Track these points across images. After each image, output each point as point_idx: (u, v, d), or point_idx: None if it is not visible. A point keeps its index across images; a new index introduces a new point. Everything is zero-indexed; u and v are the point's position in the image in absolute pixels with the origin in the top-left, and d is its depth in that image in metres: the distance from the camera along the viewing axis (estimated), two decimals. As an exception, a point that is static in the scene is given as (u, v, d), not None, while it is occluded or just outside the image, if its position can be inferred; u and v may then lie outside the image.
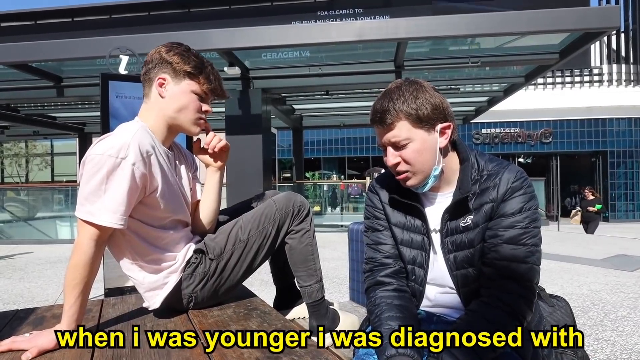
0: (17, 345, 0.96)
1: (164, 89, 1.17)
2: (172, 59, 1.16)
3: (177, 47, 1.19)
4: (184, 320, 1.15)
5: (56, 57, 6.40)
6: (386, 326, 0.96)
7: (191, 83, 1.18)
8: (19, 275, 5.06)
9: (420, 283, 1.08)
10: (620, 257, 6.26)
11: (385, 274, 1.09)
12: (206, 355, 0.90)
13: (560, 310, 1.23)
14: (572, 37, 5.94)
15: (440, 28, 5.55)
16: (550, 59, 6.56)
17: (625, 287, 4.31)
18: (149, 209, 1.12)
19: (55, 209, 9.91)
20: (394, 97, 0.98)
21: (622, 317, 3.31)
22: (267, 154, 7.46)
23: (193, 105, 1.18)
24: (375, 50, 6.87)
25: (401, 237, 1.10)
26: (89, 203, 1.01)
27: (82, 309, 1.02)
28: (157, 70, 1.17)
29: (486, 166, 1.03)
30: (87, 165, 1.01)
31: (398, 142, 0.98)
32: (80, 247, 1.00)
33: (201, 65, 1.19)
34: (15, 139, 17.25)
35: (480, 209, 1.00)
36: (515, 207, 0.97)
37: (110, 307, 1.30)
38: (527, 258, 0.95)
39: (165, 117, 1.17)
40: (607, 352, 2.62)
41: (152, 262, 1.15)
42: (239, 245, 1.29)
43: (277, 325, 1.08)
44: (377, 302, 1.04)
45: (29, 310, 1.29)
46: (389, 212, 1.13)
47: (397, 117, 0.97)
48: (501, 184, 0.99)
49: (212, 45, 5.89)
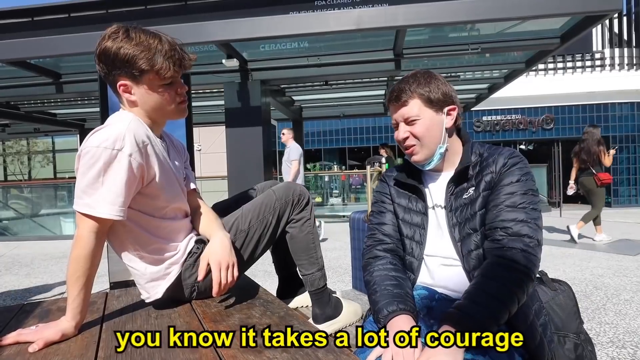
0: (23, 338, 0.97)
1: (131, 95, 1.11)
2: (119, 59, 1.05)
3: (116, 37, 1.05)
4: (188, 310, 1.16)
5: (54, 53, 6.38)
6: (384, 294, 1.03)
7: (152, 78, 1.09)
8: (25, 271, 5.11)
9: (417, 257, 1.17)
10: (623, 242, 6.27)
11: (382, 248, 1.19)
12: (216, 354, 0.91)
13: (563, 295, 1.23)
14: (573, 21, 5.87)
15: (439, 15, 5.49)
16: (551, 44, 6.49)
17: (628, 271, 4.32)
18: (148, 198, 1.12)
19: (58, 205, 9.96)
20: (410, 80, 1.14)
21: (625, 300, 3.32)
22: (267, 146, 7.45)
23: (166, 98, 1.13)
24: (374, 39, 6.81)
25: (402, 216, 1.21)
26: (86, 196, 1.01)
27: (86, 301, 1.03)
28: (113, 74, 1.08)
29: (486, 151, 1.15)
30: (83, 158, 1.00)
31: (409, 118, 1.12)
32: (81, 240, 1.01)
33: (149, 52, 1.05)
34: (17, 137, 17.25)
35: (481, 181, 1.10)
36: (513, 178, 1.06)
37: (115, 299, 1.31)
38: (528, 219, 1.01)
39: (147, 115, 1.15)
40: (609, 335, 2.63)
41: (153, 252, 1.16)
42: (240, 235, 1.29)
43: (280, 314, 1.09)
44: (372, 272, 1.12)
45: (35, 304, 1.30)
46: (394, 193, 1.25)
47: (411, 96, 1.12)
48: (499, 159, 1.09)
49: (209, 38, 5.85)
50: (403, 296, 1.01)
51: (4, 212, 9.93)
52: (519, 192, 1.04)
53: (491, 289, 0.93)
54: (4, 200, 10.14)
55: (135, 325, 1.06)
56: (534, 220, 1.01)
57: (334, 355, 0.80)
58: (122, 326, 1.06)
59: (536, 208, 1.04)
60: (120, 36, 1.05)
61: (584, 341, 1.13)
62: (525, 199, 1.03)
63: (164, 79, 1.09)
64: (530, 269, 0.96)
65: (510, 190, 1.04)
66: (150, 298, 1.18)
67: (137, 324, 1.07)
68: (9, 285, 4.41)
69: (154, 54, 1.06)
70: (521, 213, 1.01)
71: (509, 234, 1.00)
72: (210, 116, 11.83)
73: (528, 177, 1.07)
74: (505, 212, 1.02)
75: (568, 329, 1.14)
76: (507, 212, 1.02)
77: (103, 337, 0.99)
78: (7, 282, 4.56)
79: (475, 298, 0.93)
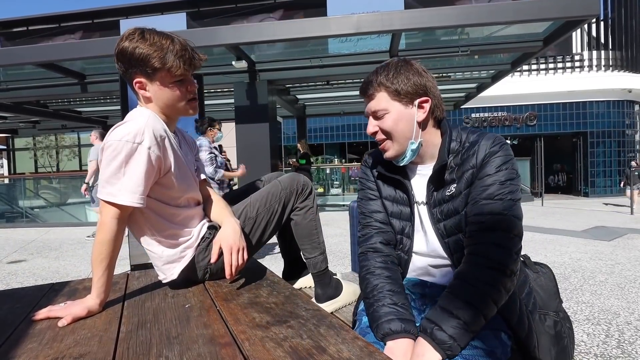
0: (53, 313, 0.98)
1: (146, 91, 1.10)
2: (134, 58, 1.04)
3: (132, 38, 1.05)
4: (202, 290, 1.16)
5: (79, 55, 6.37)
6: (384, 303, 0.93)
7: (164, 76, 1.08)
8: (55, 255, 5.14)
9: (407, 252, 1.07)
10: (599, 229, 6.26)
11: (379, 240, 1.07)
12: (221, 319, 0.91)
13: (544, 277, 1.22)
14: (555, 25, 5.81)
15: (432, 19, 5.44)
16: (534, 46, 6.44)
17: (603, 255, 4.32)
18: (165, 188, 1.12)
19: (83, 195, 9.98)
20: (379, 71, 1.00)
21: (600, 282, 3.32)
22: (273, 141, 7.45)
23: (177, 95, 1.11)
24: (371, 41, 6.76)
25: (391, 210, 1.09)
26: (109, 185, 1.00)
27: (109, 281, 1.03)
28: (130, 72, 1.08)
29: (467, 138, 1.01)
30: (107, 150, 1.00)
31: (377, 112, 1.00)
32: (104, 225, 1.01)
33: (161, 52, 1.05)
34: (46, 133, 17.31)
35: (462, 177, 0.98)
36: (492, 168, 0.94)
37: (135, 280, 1.32)
38: (504, 210, 0.90)
39: (161, 111, 1.14)
40: (586, 313, 2.64)
41: (169, 237, 1.15)
42: (249, 221, 1.29)
43: (285, 293, 1.09)
44: (373, 271, 1.02)
45: (64, 284, 1.30)
46: (380, 185, 1.12)
47: (376, 89, 0.99)
48: (480, 151, 0.97)
49: (220, 41, 5.83)
50: (405, 310, 0.92)
51: (36, 201, 9.98)
52: (497, 182, 0.92)
53: (464, 294, 0.85)
54: (34, 190, 10.18)
55: (154, 303, 1.07)
56: (510, 211, 0.90)
57: (335, 331, 0.80)
58: (142, 304, 1.07)
59: (514, 198, 0.92)
60: (136, 37, 1.05)
61: (562, 319, 1.12)
62: (502, 189, 0.92)
63: (175, 76, 1.09)
64: (504, 264, 0.87)
65: (488, 182, 0.93)
66: (166, 279, 1.18)
67: (155, 303, 1.07)
68: (40, 266, 4.44)
69: (165, 53, 1.05)
70: (498, 205, 0.91)
71: (483, 229, 0.91)
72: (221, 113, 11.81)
73: (508, 165, 0.94)
74: (481, 206, 0.92)
75: (548, 307, 1.13)
76: (483, 205, 0.92)
77: (125, 313, 1.00)
78: (38, 264, 4.60)
79: (447, 305, 0.85)
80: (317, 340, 0.77)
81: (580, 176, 16.67)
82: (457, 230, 0.98)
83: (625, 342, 2.19)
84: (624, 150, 16.22)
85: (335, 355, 0.70)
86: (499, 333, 0.90)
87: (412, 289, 1.07)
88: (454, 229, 0.98)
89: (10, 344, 0.84)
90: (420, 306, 1.02)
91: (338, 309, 1.43)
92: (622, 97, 15.96)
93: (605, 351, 2.09)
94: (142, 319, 0.95)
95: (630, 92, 15.86)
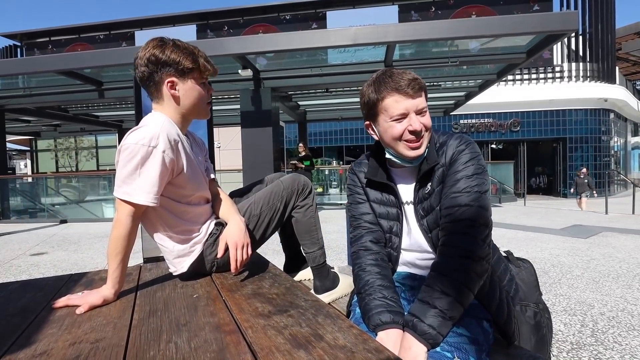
0: (72, 302, 0.98)
1: (176, 91, 1.10)
2: (170, 59, 1.06)
3: (164, 44, 1.08)
4: (209, 281, 1.16)
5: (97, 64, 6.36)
6: (376, 296, 0.93)
7: (195, 77, 1.11)
8: (74, 248, 5.14)
9: (396, 249, 1.07)
10: (577, 227, 6.26)
11: (369, 239, 1.07)
12: (226, 308, 0.91)
13: (525, 271, 1.22)
14: (537, 39, 5.83)
15: (424, 32, 5.45)
16: (518, 58, 6.46)
17: (579, 251, 4.32)
18: (177, 188, 1.12)
19: (101, 193, 10.00)
20: (412, 72, 0.97)
21: (577, 276, 3.33)
22: (276, 144, 7.45)
23: (202, 96, 1.14)
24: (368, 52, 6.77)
25: (379, 212, 1.09)
26: (126, 185, 1.00)
27: (123, 273, 1.03)
28: (160, 72, 1.08)
29: (439, 139, 1.02)
30: (123, 153, 1.00)
31: (423, 108, 0.96)
32: (120, 222, 1.01)
33: (194, 55, 1.10)
34: (66, 135, 17.30)
35: (434, 175, 0.98)
36: (460, 164, 0.95)
37: (147, 272, 1.32)
38: (471, 202, 0.90)
39: (181, 113, 1.14)
40: (563, 304, 2.64)
41: (180, 232, 1.15)
42: (253, 219, 1.29)
43: (286, 285, 1.09)
44: (365, 268, 1.02)
45: (81, 275, 1.31)
46: (367, 190, 1.11)
47: (422, 87, 0.97)
48: (448, 150, 0.98)
49: (227, 51, 5.83)
50: (394, 302, 0.91)
51: (56, 198, 9.97)
52: (465, 177, 0.93)
53: (439, 284, 0.85)
54: (55, 188, 10.17)
55: (164, 293, 1.07)
56: (476, 202, 0.90)
57: (331, 320, 0.80)
58: (153, 294, 1.07)
59: (480, 190, 0.91)
60: (168, 44, 1.09)
61: (542, 310, 1.12)
62: (468, 182, 0.92)
63: (204, 77, 1.14)
64: (472, 251, 0.86)
65: (457, 177, 0.94)
66: (177, 272, 1.18)
67: (165, 293, 1.07)
68: (60, 259, 4.44)
69: (196, 56, 1.11)
70: (464, 197, 0.91)
71: (452, 220, 0.91)
72: (228, 118, 11.82)
73: (474, 161, 0.94)
74: (451, 199, 0.92)
75: (529, 299, 1.13)
76: (452, 199, 0.92)
77: (137, 302, 1.00)
78: (59, 256, 4.59)
79: (425, 297, 0.85)
80: (315, 328, 0.77)
81: (560, 178, 16.70)
82: (436, 225, 0.98)
83: (598, 332, 2.19)
84: (599, 155, 16.27)
85: (332, 342, 0.70)
86: (481, 321, 0.90)
87: (402, 281, 1.07)
88: (434, 224, 0.98)
89: (32, 329, 0.84)
90: (410, 297, 1.02)
91: (335, 300, 1.43)
92: (598, 105, 15.99)
93: (580, 340, 2.09)
94: (154, 308, 0.95)
95: (606, 101, 15.89)
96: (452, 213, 0.92)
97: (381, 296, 0.93)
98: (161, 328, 0.82)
